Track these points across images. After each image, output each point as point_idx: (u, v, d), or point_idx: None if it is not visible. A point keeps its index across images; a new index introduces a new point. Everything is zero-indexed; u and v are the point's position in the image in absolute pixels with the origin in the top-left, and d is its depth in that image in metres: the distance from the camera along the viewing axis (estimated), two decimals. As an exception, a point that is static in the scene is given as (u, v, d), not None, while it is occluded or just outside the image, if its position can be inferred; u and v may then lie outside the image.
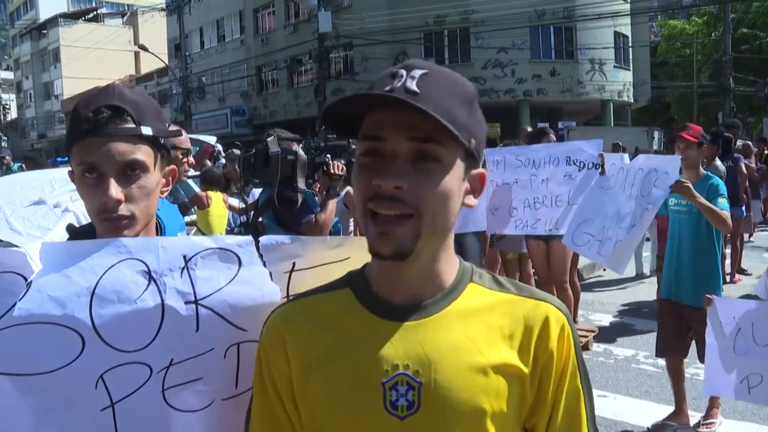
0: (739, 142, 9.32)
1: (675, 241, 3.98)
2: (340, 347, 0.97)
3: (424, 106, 0.86)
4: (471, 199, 0.98)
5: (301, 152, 3.41)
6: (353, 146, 8.61)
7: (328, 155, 3.61)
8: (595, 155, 4.55)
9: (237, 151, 12.52)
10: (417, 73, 0.90)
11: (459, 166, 0.93)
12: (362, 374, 0.94)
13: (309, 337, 0.99)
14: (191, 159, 3.44)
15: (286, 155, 3.35)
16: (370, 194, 0.90)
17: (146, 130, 1.21)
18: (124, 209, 1.19)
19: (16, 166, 10.43)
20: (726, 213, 3.73)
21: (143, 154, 1.21)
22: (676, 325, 3.96)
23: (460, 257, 1.04)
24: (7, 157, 11.29)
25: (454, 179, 0.92)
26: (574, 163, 4.59)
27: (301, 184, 3.37)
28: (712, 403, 3.97)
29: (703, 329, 3.68)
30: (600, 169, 4.47)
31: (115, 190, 1.17)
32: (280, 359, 1.00)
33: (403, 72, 0.91)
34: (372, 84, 0.94)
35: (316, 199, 3.66)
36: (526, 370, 0.96)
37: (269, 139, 3.39)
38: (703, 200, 3.68)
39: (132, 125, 1.20)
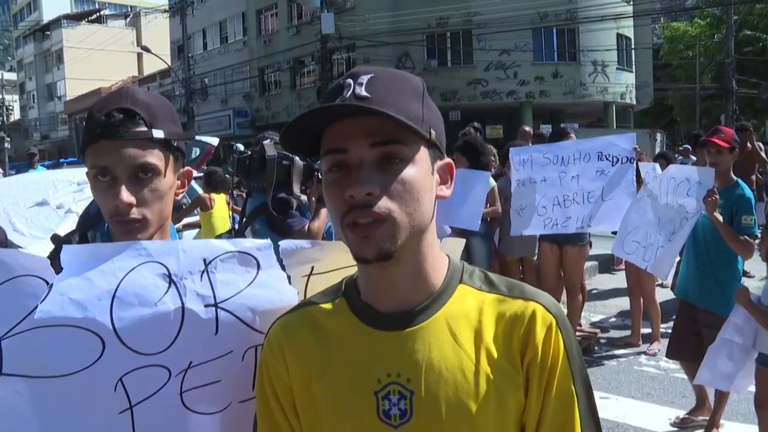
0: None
1: (692, 241, 3.89)
2: (335, 358, 0.98)
3: (377, 107, 0.87)
4: (443, 190, 0.99)
5: (297, 158, 3.35)
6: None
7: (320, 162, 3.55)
8: (629, 149, 4.50)
9: (241, 146, 12.47)
10: (364, 78, 0.91)
11: (425, 160, 0.93)
12: (356, 385, 0.96)
13: (307, 349, 1.01)
14: None
15: (282, 160, 3.29)
16: (345, 208, 0.90)
17: (158, 134, 1.21)
18: (135, 213, 1.19)
19: (40, 167, 10.39)
20: (747, 238, 3.55)
21: (155, 157, 1.21)
22: (687, 327, 3.92)
23: (449, 256, 1.03)
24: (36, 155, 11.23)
25: (423, 174, 0.93)
26: (607, 158, 4.52)
27: (296, 189, 3.32)
28: (715, 418, 3.93)
29: (713, 336, 3.58)
30: (635, 163, 4.42)
31: (126, 194, 1.17)
32: (281, 369, 1.02)
33: (350, 81, 0.92)
34: (323, 99, 0.95)
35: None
36: (515, 372, 0.95)
37: (265, 143, 3.33)
38: (720, 220, 3.57)
39: (144, 128, 1.20)
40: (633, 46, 27.64)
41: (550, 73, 24.42)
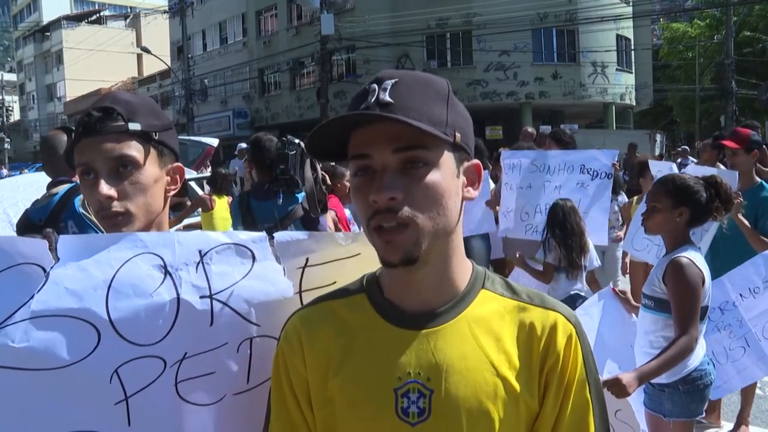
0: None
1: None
2: (354, 354, 0.99)
3: (399, 114, 0.88)
4: (471, 192, 0.99)
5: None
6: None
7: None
8: (609, 165, 4.56)
9: (243, 145, 12.46)
10: (388, 83, 0.92)
11: (449, 163, 0.94)
12: (375, 381, 0.96)
13: (326, 343, 1.01)
14: None
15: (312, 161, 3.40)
16: (370, 212, 0.91)
17: (134, 126, 1.22)
18: (117, 206, 1.20)
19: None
20: None
21: (132, 149, 1.22)
22: None
23: (473, 261, 1.04)
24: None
25: (447, 178, 0.93)
26: (588, 172, 4.58)
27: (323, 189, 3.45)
28: (742, 416, 3.90)
29: None
30: (612, 179, 4.49)
31: (105, 187, 1.18)
32: (298, 361, 1.02)
33: (375, 86, 0.93)
34: (349, 104, 0.96)
35: None
36: (532, 378, 0.97)
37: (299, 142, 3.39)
38: (746, 223, 3.54)
39: (120, 123, 1.21)
40: (632, 47, 27.64)
41: (549, 74, 24.42)
